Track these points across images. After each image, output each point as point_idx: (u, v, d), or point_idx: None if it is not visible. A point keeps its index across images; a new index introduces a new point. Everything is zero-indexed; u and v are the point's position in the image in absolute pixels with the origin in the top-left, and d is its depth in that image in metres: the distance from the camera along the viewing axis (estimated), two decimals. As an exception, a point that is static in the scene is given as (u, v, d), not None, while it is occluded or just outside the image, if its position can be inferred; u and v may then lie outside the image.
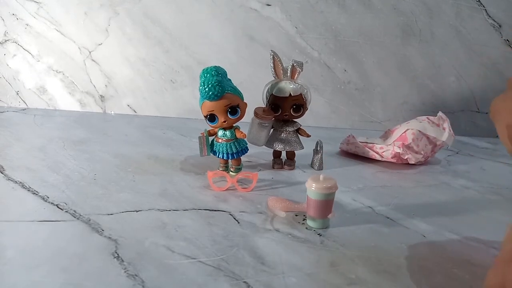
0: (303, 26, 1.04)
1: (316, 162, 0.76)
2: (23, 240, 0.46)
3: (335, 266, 0.44)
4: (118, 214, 0.53)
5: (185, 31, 1.08)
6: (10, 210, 0.54)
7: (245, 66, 1.08)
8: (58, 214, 0.53)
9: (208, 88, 0.60)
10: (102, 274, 0.40)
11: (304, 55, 1.07)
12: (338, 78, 1.08)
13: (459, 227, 0.54)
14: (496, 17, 0.98)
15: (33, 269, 0.41)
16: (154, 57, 1.11)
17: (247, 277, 0.41)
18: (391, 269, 0.43)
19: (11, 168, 0.68)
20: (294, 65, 0.69)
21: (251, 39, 1.07)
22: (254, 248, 0.46)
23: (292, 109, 0.71)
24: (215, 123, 0.65)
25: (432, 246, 0.49)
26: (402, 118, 1.07)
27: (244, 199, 0.60)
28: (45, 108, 1.17)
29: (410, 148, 0.79)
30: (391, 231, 0.52)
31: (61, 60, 1.13)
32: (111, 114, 1.16)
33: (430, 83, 1.07)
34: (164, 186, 0.64)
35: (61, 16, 1.08)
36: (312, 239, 0.49)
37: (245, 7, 1.04)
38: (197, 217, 0.54)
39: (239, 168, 0.71)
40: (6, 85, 1.16)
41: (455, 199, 0.65)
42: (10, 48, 1.12)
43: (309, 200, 0.51)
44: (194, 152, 0.83)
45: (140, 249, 0.45)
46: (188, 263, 0.43)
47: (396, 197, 0.64)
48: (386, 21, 1.02)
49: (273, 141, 0.75)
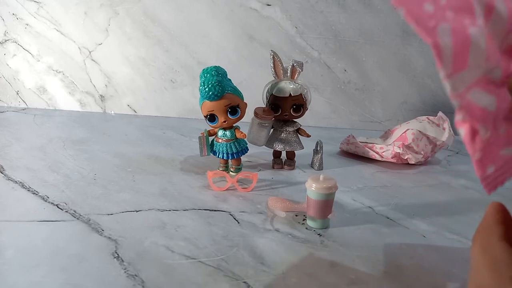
0: (303, 26, 1.04)
1: (316, 162, 0.76)
2: (22, 240, 0.46)
3: (335, 266, 0.44)
4: (118, 214, 0.53)
5: (185, 30, 1.08)
6: (9, 210, 0.54)
7: (245, 66, 1.08)
8: (58, 214, 0.53)
9: (208, 88, 0.60)
10: (102, 274, 0.40)
11: (304, 55, 1.07)
12: (338, 78, 1.08)
13: (459, 227, 0.54)
14: (496, 17, 0.98)
15: (33, 269, 0.41)
16: (154, 56, 1.11)
17: (247, 277, 0.41)
18: (391, 269, 0.43)
19: (11, 168, 0.68)
20: (294, 65, 0.69)
21: (251, 39, 1.07)
22: (254, 248, 0.46)
23: (292, 109, 0.71)
24: (215, 123, 0.65)
25: (432, 246, 0.49)
26: (402, 118, 1.07)
27: (244, 199, 0.60)
28: (45, 108, 1.17)
29: (410, 148, 0.79)
30: (391, 231, 0.52)
31: (61, 60, 1.13)
32: (111, 114, 1.16)
33: (430, 82, 1.07)
34: (164, 186, 0.64)
35: (61, 16, 1.08)
36: (312, 239, 0.49)
37: (245, 7, 1.04)
38: (197, 217, 0.54)
39: (239, 168, 0.71)
40: (6, 85, 1.16)
41: (455, 199, 0.65)
42: (10, 48, 1.12)
43: (309, 200, 0.51)
44: (194, 152, 0.83)
45: (140, 249, 0.45)
46: (188, 263, 0.43)
47: (396, 197, 0.64)
48: (386, 20, 1.02)
49: (273, 141, 0.75)
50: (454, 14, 0.25)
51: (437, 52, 0.24)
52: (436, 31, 0.24)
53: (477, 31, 0.25)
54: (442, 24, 0.24)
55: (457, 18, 0.25)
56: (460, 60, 0.25)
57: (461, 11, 0.25)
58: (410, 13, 0.24)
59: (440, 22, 0.24)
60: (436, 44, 0.24)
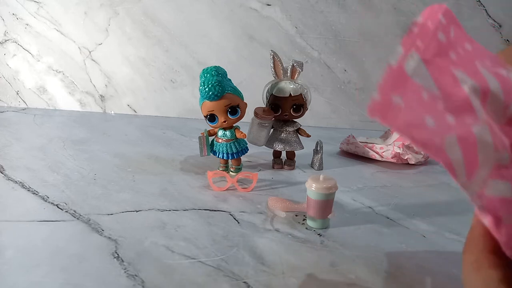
0: (303, 26, 1.04)
1: (316, 162, 0.76)
2: (22, 240, 0.46)
3: (335, 266, 0.44)
4: (118, 214, 0.53)
5: (185, 30, 1.08)
6: (9, 210, 0.54)
7: (245, 66, 1.08)
8: (58, 214, 0.53)
9: (208, 88, 0.60)
10: (102, 274, 0.40)
11: (304, 55, 1.07)
12: (338, 78, 1.08)
13: (459, 227, 0.54)
14: (496, 17, 0.98)
15: (33, 269, 0.41)
16: (154, 56, 1.11)
17: (247, 277, 0.41)
18: (391, 269, 0.43)
19: (11, 168, 0.68)
20: (294, 65, 0.69)
21: (251, 39, 1.07)
22: (254, 248, 0.46)
23: (292, 109, 0.71)
24: (215, 123, 0.65)
25: (432, 246, 0.49)
26: (402, 118, 1.06)
27: (244, 199, 0.60)
28: (45, 108, 1.17)
29: (410, 148, 0.79)
30: (391, 231, 0.52)
31: (61, 60, 1.13)
32: (111, 114, 1.16)
33: (430, 83, 1.07)
34: (164, 186, 0.64)
35: (61, 16, 1.08)
36: (312, 239, 0.49)
37: (245, 7, 1.04)
38: (197, 217, 0.54)
39: (239, 168, 0.71)
40: (6, 85, 1.16)
41: (455, 199, 0.65)
42: (10, 48, 1.12)
43: (309, 200, 0.51)
44: (194, 152, 0.83)
45: (140, 249, 0.45)
46: (188, 263, 0.43)
47: (396, 197, 0.64)
48: (386, 20, 1.02)
49: (273, 141, 0.75)
50: (455, 117, 0.25)
51: (450, 169, 0.24)
52: (443, 148, 0.24)
53: (480, 127, 0.25)
54: (447, 137, 0.24)
55: (459, 121, 0.25)
56: (472, 164, 0.25)
57: (460, 111, 0.25)
58: (415, 140, 0.24)
59: (445, 135, 0.24)
60: (447, 161, 0.24)
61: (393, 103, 0.24)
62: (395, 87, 0.24)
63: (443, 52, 0.27)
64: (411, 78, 0.25)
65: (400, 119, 0.23)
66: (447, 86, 0.26)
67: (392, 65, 0.25)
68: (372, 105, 0.24)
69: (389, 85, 0.24)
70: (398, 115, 0.23)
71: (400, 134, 0.24)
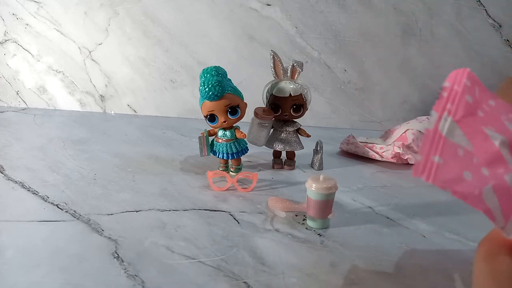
0: (303, 26, 1.04)
1: (316, 162, 0.76)
2: (22, 240, 0.46)
3: (335, 266, 0.44)
4: (118, 214, 0.53)
5: (185, 30, 1.08)
6: (9, 210, 0.54)
7: (245, 66, 1.08)
8: (58, 214, 0.53)
9: (208, 88, 0.60)
10: (102, 274, 0.40)
11: (304, 55, 1.07)
12: (338, 78, 1.08)
13: (459, 227, 0.54)
14: (496, 17, 0.98)
15: (33, 269, 0.41)
16: (154, 56, 1.11)
17: (247, 277, 0.41)
18: (391, 269, 0.43)
19: (11, 168, 0.68)
20: (294, 65, 0.69)
21: (251, 39, 1.07)
22: (254, 248, 0.46)
23: (292, 109, 0.71)
24: (215, 123, 0.65)
25: (432, 246, 0.49)
26: (402, 118, 1.07)
27: (244, 199, 0.60)
28: (45, 108, 1.17)
29: (410, 148, 0.79)
30: (391, 231, 0.52)
31: (61, 60, 1.13)
32: (111, 114, 1.16)
33: (430, 82, 1.07)
34: (164, 186, 0.64)
35: (61, 15, 1.08)
36: (312, 239, 0.49)
37: (245, 7, 1.04)
38: (197, 217, 0.54)
39: (239, 168, 0.71)
40: (6, 85, 1.16)
41: (455, 199, 0.64)
42: (10, 48, 1.12)
43: (309, 200, 0.51)
44: (194, 152, 0.83)
45: (140, 249, 0.45)
46: (188, 263, 0.43)
47: (396, 197, 0.64)
48: (386, 20, 1.02)
49: (273, 141, 0.75)
50: (489, 169, 0.28)
51: (490, 216, 0.27)
52: (482, 197, 0.27)
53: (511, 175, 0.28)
54: (484, 188, 0.27)
55: (493, 172, 0.28)
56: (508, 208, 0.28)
57: (493, 164, 0.29)
58: (456, 193, 0.28)
59: (482, 186, 0.28)
60: (486, 210, 0.27)
61: (433, 162, 0.28)
62: (434, 148, 0.28)
63: (471, 111, 0.30)
64: (447, 138, 0.28)
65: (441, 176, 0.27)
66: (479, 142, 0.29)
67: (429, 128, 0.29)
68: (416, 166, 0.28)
69: (428, 146, 0.28)
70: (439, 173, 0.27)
71: (443, 189, 0.27)
